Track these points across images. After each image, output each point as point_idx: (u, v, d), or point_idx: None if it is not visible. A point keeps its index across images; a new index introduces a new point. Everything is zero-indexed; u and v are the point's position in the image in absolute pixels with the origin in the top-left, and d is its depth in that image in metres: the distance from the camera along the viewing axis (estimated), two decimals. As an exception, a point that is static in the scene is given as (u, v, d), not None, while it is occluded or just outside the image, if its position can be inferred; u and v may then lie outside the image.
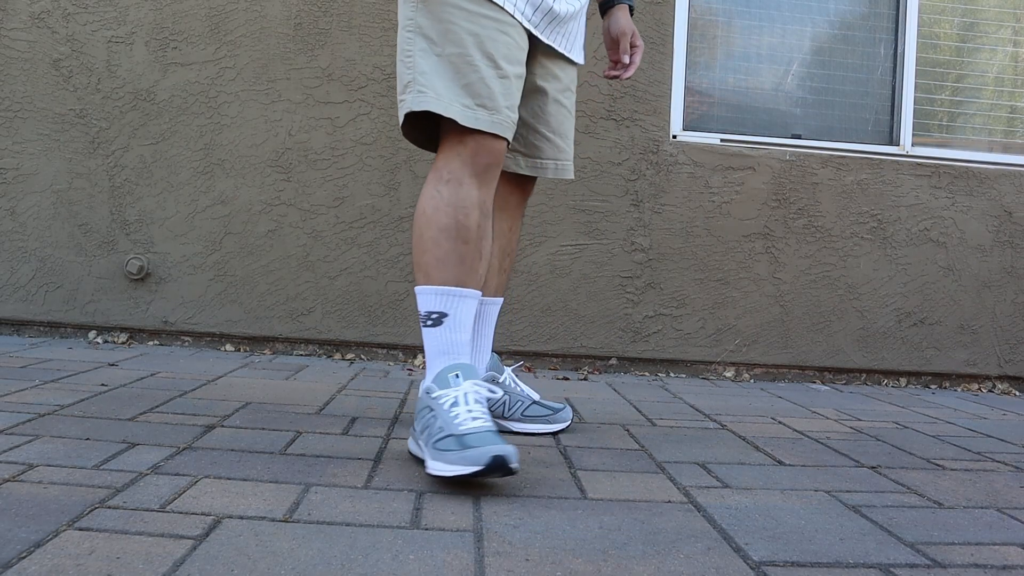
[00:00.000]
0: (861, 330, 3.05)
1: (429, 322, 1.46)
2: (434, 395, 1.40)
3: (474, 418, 1.33)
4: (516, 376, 1.82)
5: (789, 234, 3.02)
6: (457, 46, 1.43)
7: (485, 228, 1.49)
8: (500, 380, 1.77)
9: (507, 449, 1.26)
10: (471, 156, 1.45)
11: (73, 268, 2.85)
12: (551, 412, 1.78)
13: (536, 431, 1.76)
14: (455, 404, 1.36)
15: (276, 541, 1.05)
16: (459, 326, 1.45)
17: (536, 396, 1.80)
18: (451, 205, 1.44)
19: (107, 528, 1.06)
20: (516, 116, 1.49)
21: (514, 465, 1.26)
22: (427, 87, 1.44)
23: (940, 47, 3.25)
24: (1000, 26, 3.29)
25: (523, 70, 1.51)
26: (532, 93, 1.65)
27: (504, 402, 1.76)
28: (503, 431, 1.77)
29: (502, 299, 1.80)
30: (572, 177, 1.78)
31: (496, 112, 1.44)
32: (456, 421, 1.33)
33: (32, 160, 2.84)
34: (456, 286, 1.45)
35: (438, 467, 1.30)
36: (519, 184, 1.76)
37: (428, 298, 1.46)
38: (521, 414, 1.76)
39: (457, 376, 1.40)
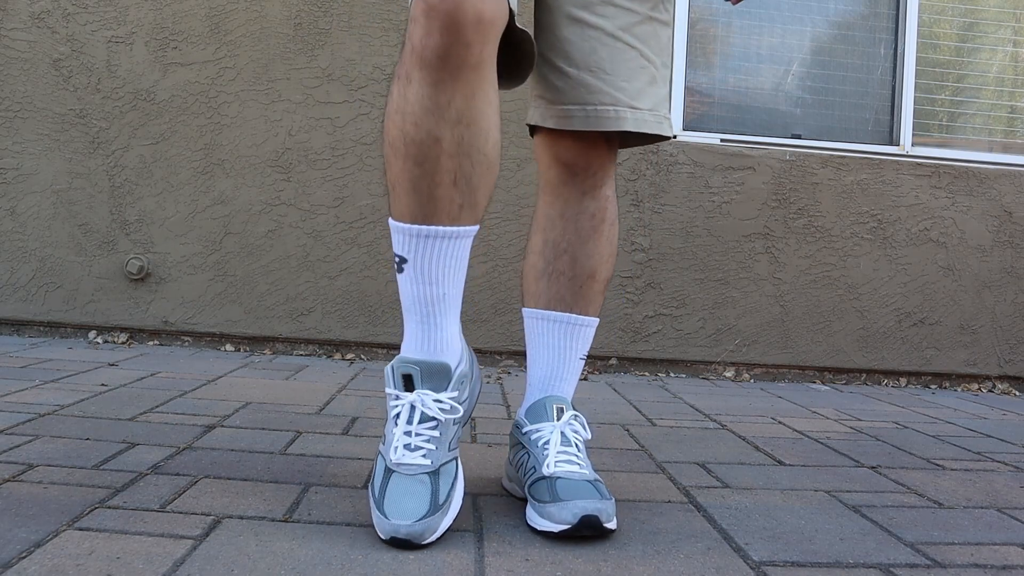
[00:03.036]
0: (861, 330, 3.05)
1: (396, 267, 1.13)
2: (388, 391, 1.13)
3: (407, 446, 1.08)
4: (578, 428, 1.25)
5: (789, 234, 3.02)
6: None
7: (456, 140, 1.05)
8: (524, 431, 1.25)
9: (416, 528, 1.01)
10: (421, 33, 1.02)
11: (73, 268, 2.85)
12: (548, 500, 1.13)
13: (529, 520, 1.15)
14: (398, 418, 1.10)
15: (276, 541, 1.05)
16: (421, 276, 1.10)
17: (550, 471, 1.17)
18: (398, 112, 1.06)
19: (107, 528, 1.06)
20: None
21: (430, 539, 1.03)
22: None
23: (940, 47, 3.25)
24: (1000, 26, 3.29)
25: None
26: (545, 15, 1.23)
27: (523, 464, 1.23)
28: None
29: (567, 315, 1.28)
30: (635, 128, 1.20)
31: None
32: (393, 444, 1.10)
33: (32, 160, 2.85)
34: (412, 222, 1.08)
35: (371, 508, 1.08)
36: (566, 148, 1.22)
37: (393, 236, 1.12)
38: (528, 489, 1.19)
39: (409, 379, 1.10)
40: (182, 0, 2.87)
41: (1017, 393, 3.09)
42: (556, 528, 1.10)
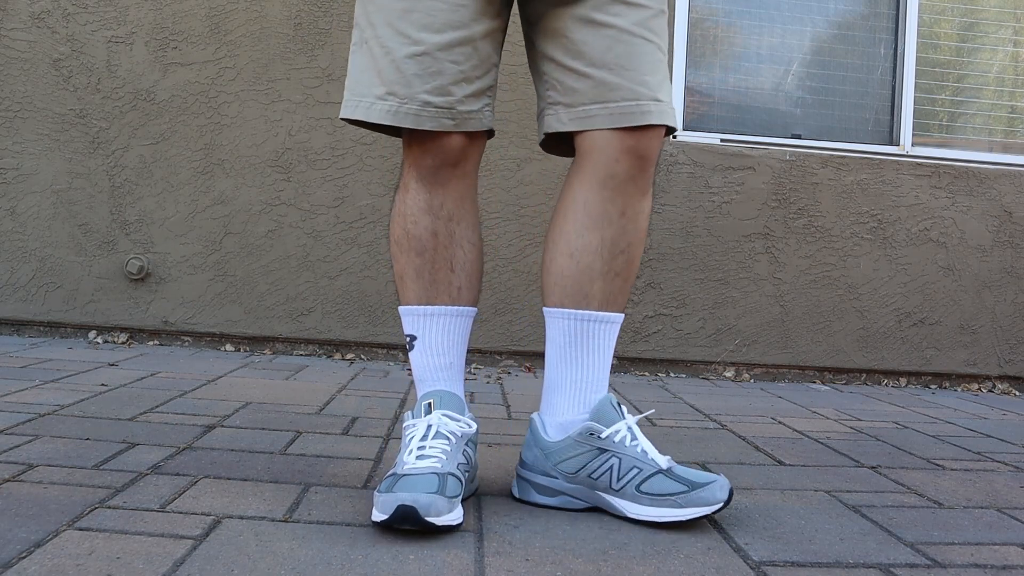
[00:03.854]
0: (861, 330, 3.05)
1: (407, 346, 1.31)
2: (405, 425, 1.25)
3: (420, 457, 1.16)
4: (638, 426, 1.28)
5: (789, 234, 3.02)
6: (374, 27, 1.21)
7: (450, 233, 1.27)
8: (604, 435, 1.23)
9: (422, 499, 1.06)
10: (415, 157, 1.25)
11: (73, 268, 2.85)
12: (685, 489, 1.17)
13: (655, 518, 1.17)
14: (413, 438, 1.20)
15: (276, 541, 1.05)
16: (430, 349, 1.27)
17: (664, 462, 1.21)
18: (400, 215, 1.27)
19: (107, 528, 1.06)
20: (453, 98, 1.20)
21: (432, 519, 1.05)
22: (348, 87, 1.25)
23: (940, 47, 3.25)
24: (1000, 26, 3.29)
25: (467, 31, 1.19)
26: (552, 21, 1.25)
27: (611, 468, 1.21)
28: (609, 513, 1.24)
29: (620, 315, 1.30)
30: (657, 122, 1.22)
31: (408, 100, 1.18)
32: (404, 458, 1.18)
33: (32, 160, 2.85)
34: (418, 304, 1.28)
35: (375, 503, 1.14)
36: (648, 138, 1.23)
37: (403, 319, 1.30)
38: (635, 489, 1.19)
39: (430, 405, 1.23)
40: (182, 0, 2.87)
41: (1017, 393, 3.09)
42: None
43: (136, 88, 2.86)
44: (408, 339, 1.30)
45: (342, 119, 1.26)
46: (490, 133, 1.29)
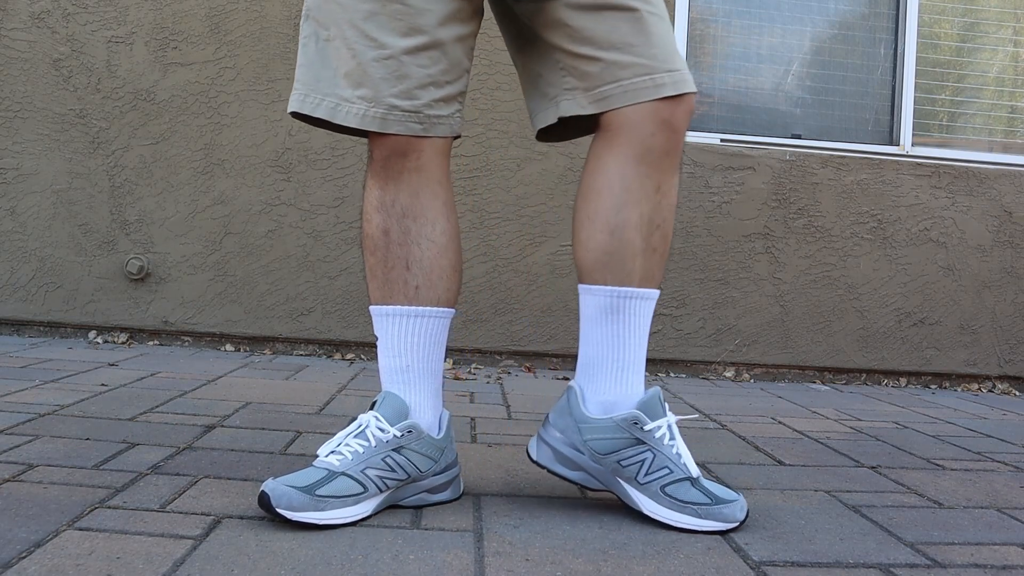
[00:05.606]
0: (861, 330, 3.05)
1: None
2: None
3: (332, 451, 1.17)
4: (678, 429, 1.26)
5: (789, 234, 3.02)
6: (338, 26, 1.19)
7: (404, 231, 1.24)
8: (647, 428, 1.21)
9: (278, 490, 1.08)
10: (373, 151, 1.24)
11: (73, 268, 2.85)
12: (708, 502, 1.19)
13: (672, 521, 1.19)
14: (343, 431, 1.20)
15: (276, 541, 1.05)
16: (387, 350, 1.25)
17: (695, 471, 1.22)
18: (362, 215, 1.28)
19: (107, 528, 1.06)
20: (420, 101, 1.19)
21: (283, 511, 1.07)
22: (305, 82, 1.23)
23: (940, 47, 3.25)
24: (1000, 26, 3.29)
25: (434, 35, 1.18)
26: (549, 14, 1.23)
27: (643, 461, 1.21)
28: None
29: (657, 291, 1.28)
30: (672, 92, 1.20)
31: (374, 104, 1.18)
32: (320, 448, 1.21)
33: (32, 160, 2.84)
34: (375, 303, 1.27)
35: None
36: (647, 122, 1.21)
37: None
38: (660, 488, 1.20)
39: (373, 405, 1.22)
40: (182, 0, 2.87)
41: (1017, 393, 3.09)
42: (730, 526, 1.18)
43: (136, 88, 2.86)
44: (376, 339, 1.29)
45: (293, 112, 1.23)
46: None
